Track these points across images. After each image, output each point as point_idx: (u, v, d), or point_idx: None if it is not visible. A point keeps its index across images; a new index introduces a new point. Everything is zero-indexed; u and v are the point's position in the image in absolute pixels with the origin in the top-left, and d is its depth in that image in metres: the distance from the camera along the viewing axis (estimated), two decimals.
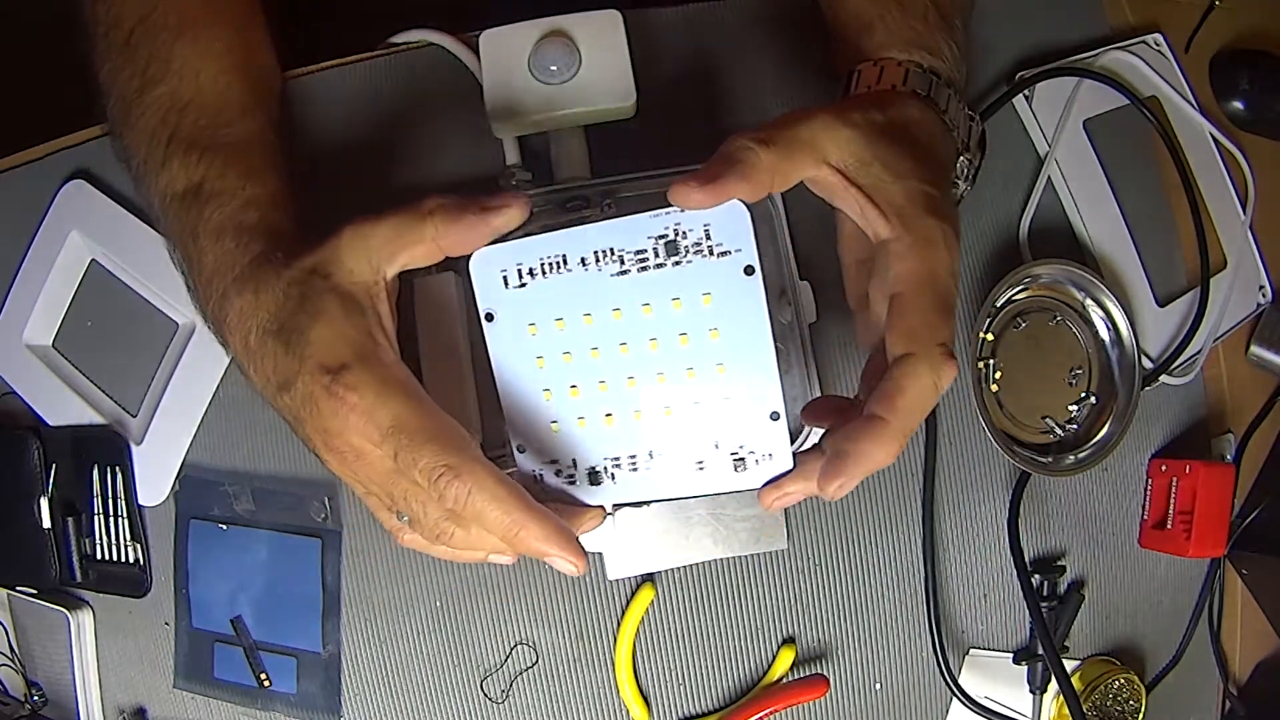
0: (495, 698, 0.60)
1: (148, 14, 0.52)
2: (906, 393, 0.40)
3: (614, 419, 0.43)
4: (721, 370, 0.42)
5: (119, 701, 0.62)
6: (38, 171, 0.63)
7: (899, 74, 0.49)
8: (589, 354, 0.43)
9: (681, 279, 0.41)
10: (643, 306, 0.42)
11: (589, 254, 0.42)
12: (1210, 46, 0.69)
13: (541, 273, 0.42)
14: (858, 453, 0.39)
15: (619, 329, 0.42)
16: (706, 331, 0.42)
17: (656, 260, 0.41)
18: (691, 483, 0.44)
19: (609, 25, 0.57)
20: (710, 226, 0.41)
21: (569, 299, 0.42)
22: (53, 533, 0.61)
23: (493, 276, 0.43)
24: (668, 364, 0.42)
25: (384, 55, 0.62)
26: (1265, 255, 0.67)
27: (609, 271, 0.42)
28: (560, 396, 0.43)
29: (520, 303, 0.43)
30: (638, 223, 0.41)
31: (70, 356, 0.63)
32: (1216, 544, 0.62)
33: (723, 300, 0.41)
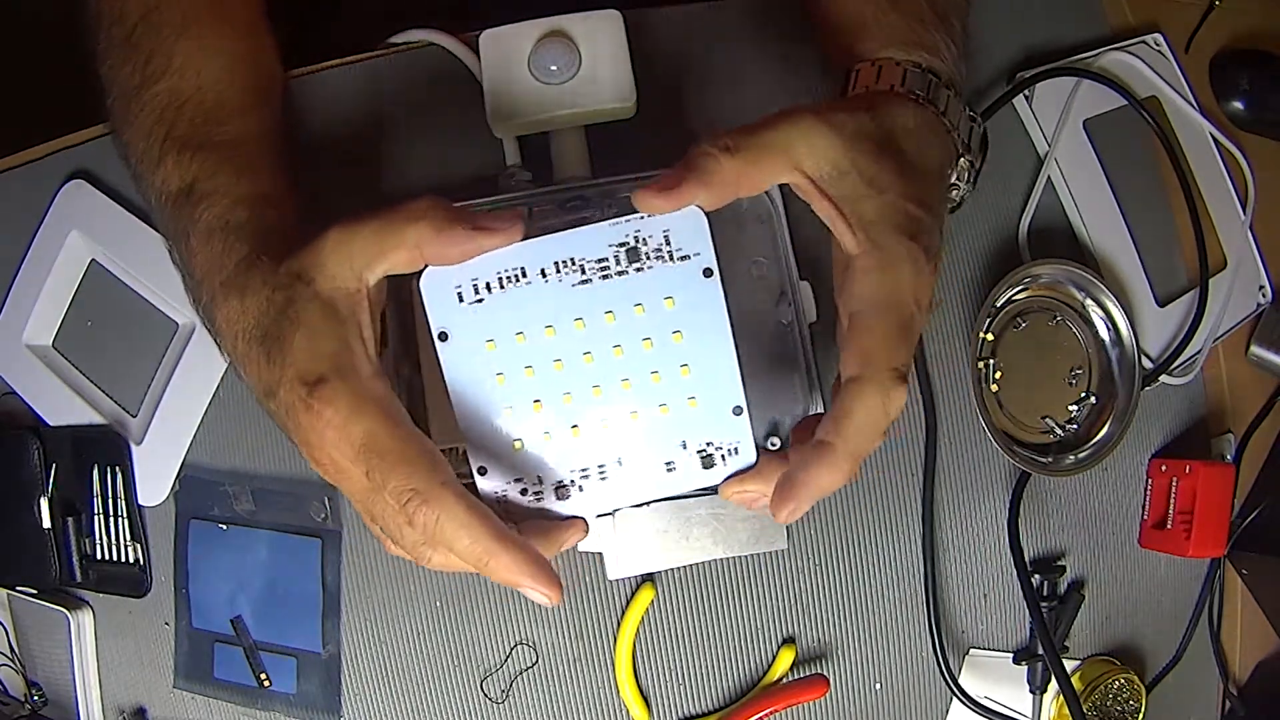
0: (495, 698, 0.60)
1: (151, 10, 0.52)
2: (853, 416, 0.39)
3: (580, 430, 0.43)
4: (685, 372, 0.42)
5: (119, 701, 0.62)
6: (38, 171, 0.63)
7: (897, 74, 0.48)
8: (552, 367, 0.42)
9: (643, 285, 0.41)
10: (606, 314, 0.41)
11: (549, 265, 0.41)
12: (1210, 46, 0.69)
13: (499, 286, 0.41)
14: (805, 479, 0.39)
15: (582, 339, 0.42)
16: (670, 334, 0.42)
17: (618, 268, 0.41)
18: (661, 484, 0.44)
19: (609, 25, 0.57)
20: (669, 232, 0.41)
21: (529, 312, 0.41)
22: (53, 533, 0.60)
23: (445, 293, 0.41)
24: (632, 369, 0.42)
25: (384, 55, 0.62)
26: (1265, 255, 0.67)
27: (570, 281, 0.41)
28: (523, 413, 0.42)
29: (477, 319, 0.41)
30: (598, 231, 0.41)
31: (70, 356, 0.63)
32: (1216, 544, 0.62)
33: (684, 303, 0.42)
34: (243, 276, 0.44)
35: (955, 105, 0.49)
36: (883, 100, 0.46)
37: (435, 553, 0.41)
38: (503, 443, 0.43)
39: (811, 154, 0.41)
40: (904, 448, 0.61)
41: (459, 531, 0.38)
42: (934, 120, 0.47)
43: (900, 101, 0.46)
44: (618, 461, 0.43)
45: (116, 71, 0.52)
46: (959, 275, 0.63)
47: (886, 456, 0.61)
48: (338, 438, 0.39)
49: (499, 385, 0.42)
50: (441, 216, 0.40)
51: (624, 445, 0.43)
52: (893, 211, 0.41)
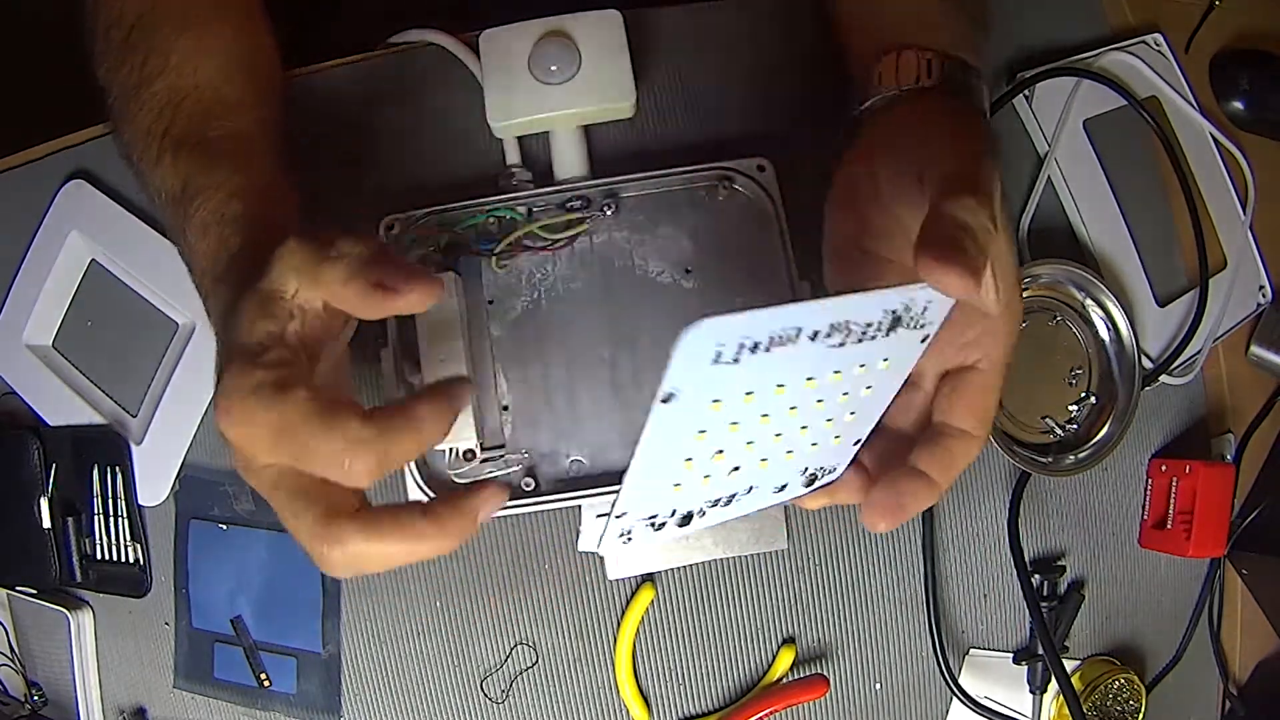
0: (495, 698, 0.60)
1: (149, 9, 0.52)
2: (960, 465, 0.42)
3: (740, 470, 0.39)
4: (851, 418, 0.40)
5: (119, 701, 0.62)
6: (38, 171, 0.63)
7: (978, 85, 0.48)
8: (758, 421, 0.37)
9: (879, 348, 0.38)
10: (834, 373, 0.37)
11: (824, 327, 0.35)
12: (1210, 46, 0.69)
13: (766, 348, 0.34)
14: (914, 506, 0.42)
15: (799, 395, 0.37)
16: (864, 389, 0.39)
17: (873, 334, 0.37)
18: (769, 501, 0.43)
19: (609, 25, 0.57)
20: (930, 304, 0.38)
21: (775, 371, 0.35)
22: (53, 533, 0.61)
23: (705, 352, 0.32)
24: (817, 418, 0.39)
25: (384, 55, 0.62)
26: (1265, 255, 0.67)
27: (830, 343, 0.36)
28: (702, 462, 0.37)
29: (719, 379, 0.34)
30: (883, 297, 0.36)
31: (70, 356, 0.63)
32: (1216, 544, 0.62)
33: (894, 364, 0.39)
34: (231, 274, 0.44)
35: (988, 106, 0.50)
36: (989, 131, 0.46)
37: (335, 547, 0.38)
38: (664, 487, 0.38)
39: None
40: None
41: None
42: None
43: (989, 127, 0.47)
44: (748, 489, 0.41)
45: (115, 73, 0.52)
46: None
47: None
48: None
49: (695, 441, 0.36)
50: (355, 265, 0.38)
51: (762, 477, 0.41)
52: (1016, 274, 0.42)
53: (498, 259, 0.56)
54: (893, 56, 0.49)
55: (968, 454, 0.43)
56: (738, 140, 0.59)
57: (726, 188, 0.57)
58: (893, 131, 0.47)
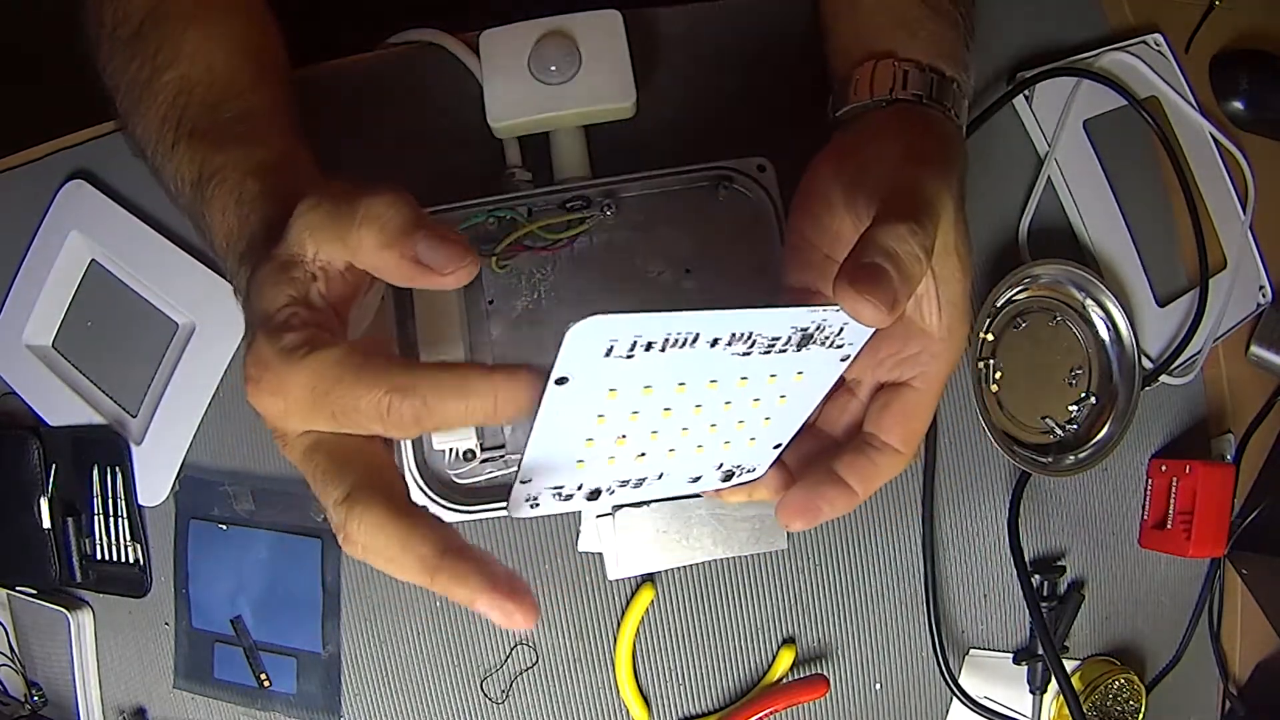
0: (495, 698, 0.60)
1: (157, 6, 0.52)
2: (881, 479, 0.43)
3: (646, 457, 0.41)
4: (767, 423, 0.42)
5: (119, 701, 0.62)
6: (38, 171, 0.63)
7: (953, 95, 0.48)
8: (660, 414, 0.39)
9: (790, 361, 0.39)
10: (740, 380, 0.39)
11: (725, 335, 0.37)
12: (1210, 46, 0.69)
13: (660, 348, 0.35)
14: (828, 511, 0.43)
15: (703, 395, 0.39)
16: (778, 397, 0.41)
17: (781, 347, 0.38)
18: (681, 489, 0.45)
19: (609, 25, 0.57)
20: (847, 326, 0.39)
21: (672, 371, 0.37)
22: (53, 533, 0.61)
23: (596, 346, 0.34)
24: (727, 419, 0.41)
25: (384, 55, 0.62)
26: (1265, 255, 0.67)
27: (733, 351, 0.37)
28: (604, 444, 0.39)
29: (612, 372, 0.36)
30: (791, 315, 0.38)
31: (70, 356, 0.63)
32: (1216, 544, 0.62)
33: (810, 378, 0.41)
34: (255, 250, 0.43)
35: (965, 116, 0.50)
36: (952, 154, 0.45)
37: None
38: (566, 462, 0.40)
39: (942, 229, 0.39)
40: None
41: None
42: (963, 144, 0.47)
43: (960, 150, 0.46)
44: (659, 476, 0.43)
45: (124, 69, 0.52)
46: None
47: None
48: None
49: (595, 424, 0.38)
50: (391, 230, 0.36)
51: (673, 466, 0.42)
52: (966, 299, 0.42)
53: (498, 259, 0.56)
54: (869, 65, 0.49)
55: (891, 468, 0.43)
56: (738, 140, 0.59)
57: (726, 188, 0.57)
58: (858, 140, 0.47)
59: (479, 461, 0.55)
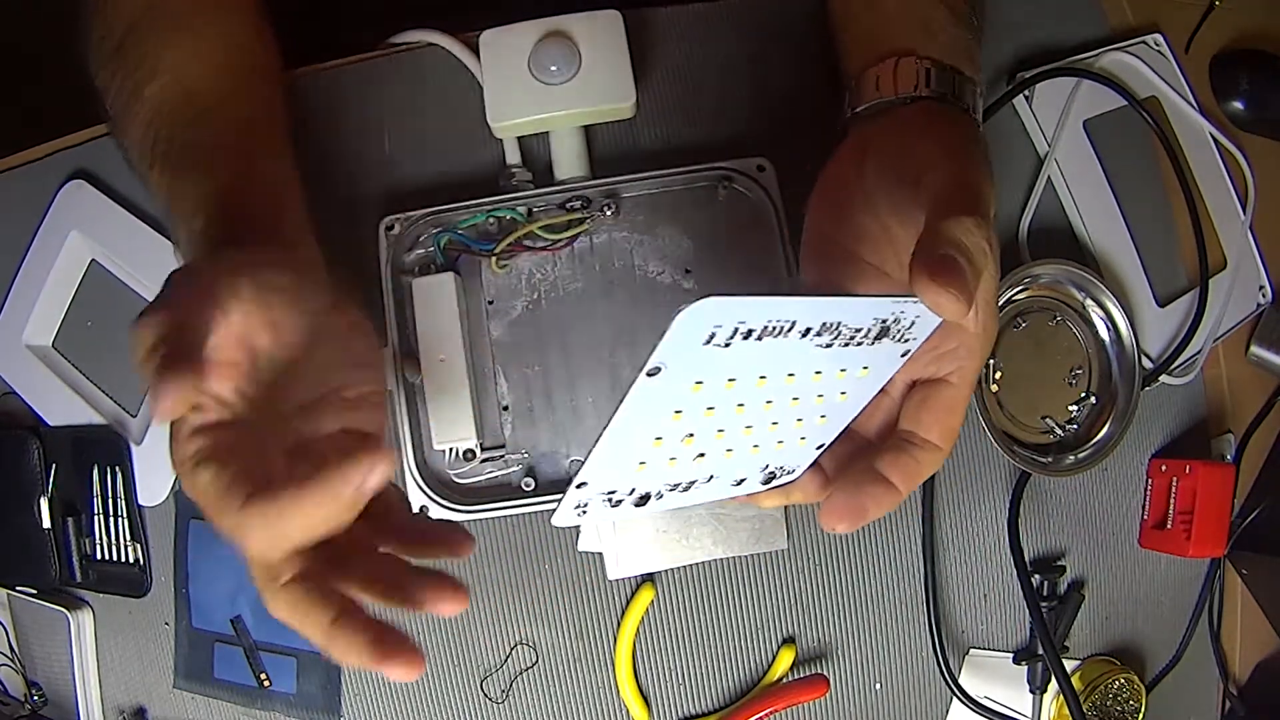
0: (495, 698, 0.60)
1: (138, 20, 0.52)
2: (923, 475, 0.43)
3: (705, 457, 0.39)
4: (822, 421, 0.42)
5: (119, 701, 0.62)
6: (38, 171, 0.63)
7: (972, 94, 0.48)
8: (733, 410, 0.38)
9: (861, 355, 0.39)
10: (815, 374, 0.39)
11: (817, 324, 0.36)
12: (1210, 46, 0.69)
13: (757, 336, 0.34)
14: (874, 510, 0.43)
15: (776, 389, 0.38)
16: (839, 393, 0.41)
17: (859, 339, 0.38)
18: (726, 493, 0.44)
19: (609, 25, 0.57)
20: (918, 320, 0.39)
21: (760, 362, 0.36)
22: (53, 533, 0.61)
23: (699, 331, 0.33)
24: (788, 415, 0.40)
25: (384, 55, 0.62)
26: (1265, 255, 0.67)
27: (818, 342, 0.37)
28: (671, 443, 0.37)
29: (706, 361, 0.34)
30: (876, 304, 0.37)
31: (70, 356, 0.63)
32: (1216, 544, 0.62)
33: (873, 374, 0.41)
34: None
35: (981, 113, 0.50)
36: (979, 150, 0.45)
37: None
38: (629, 464, 0.38)
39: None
40: None
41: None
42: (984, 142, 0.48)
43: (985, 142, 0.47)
44: (708, 479, 0.41)
45: (110, 83, 0.52)
46: None
47: None
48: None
49: (669, 420, 0.36)
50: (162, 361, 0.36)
51: (724, 467, 0.41)
52: (995, 294, 0.42)
53: (498, 259, 0.56)
54: (891, 63, 0.49)
55: (931, 465, 0.44)
56: (738, 140, 0.59)
57: (726, 188, 0.57)
58: (887, 136, 0.47)
59: (479, 461, 0.55)
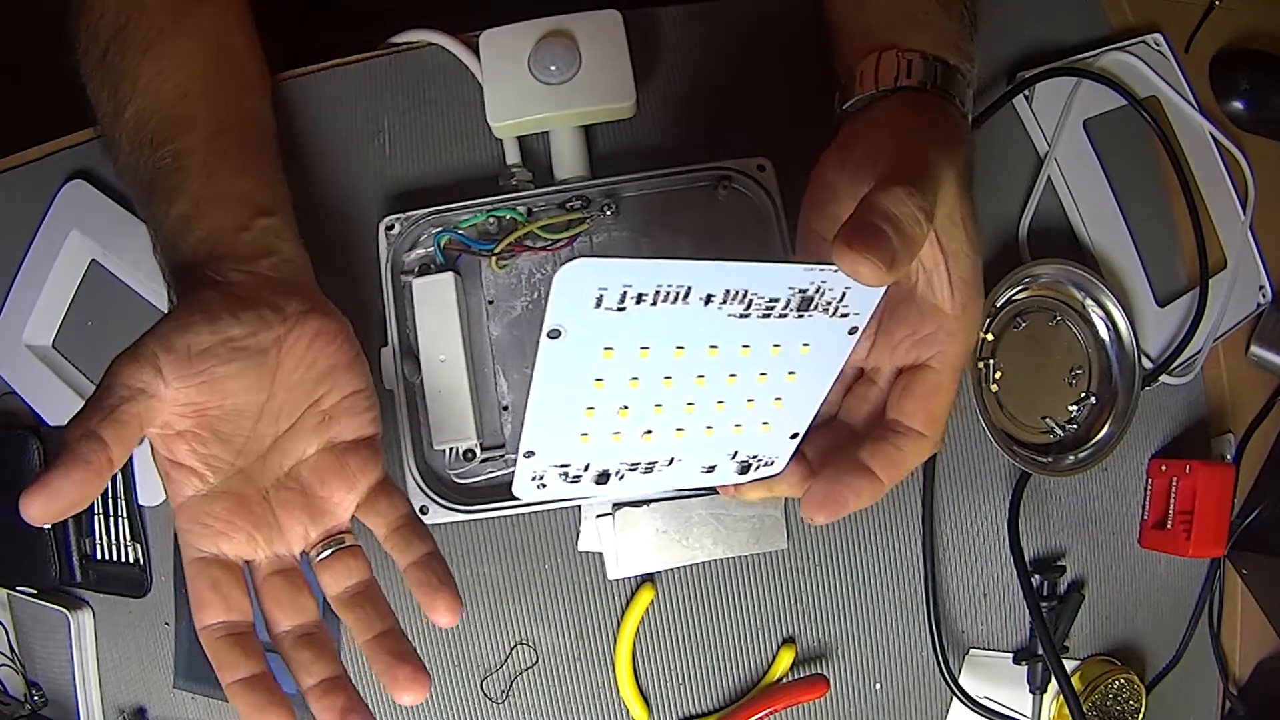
0: (495, 698, 0.60)
1: (119, 30, 0.51)
2: (908, 465, 0.43)
3: (653, 435, 0.41)
4: (779, 404, 0.42)
5: (119, 701, 0.62)
6: (38, 171, 0.63)
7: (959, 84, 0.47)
8: (660, 382, 0.39)
9: (793, 329, 0.39)
10: (742, 348, 0.39)
11: (718, 291, 0.36)
12: (1210, 46, 0.69)
13: (651, 301, 0.35)
14: (854, 501, 0.42)
15: (705, 363, 0.39)
16: (785, 373, 0.41)
17: (782, 310, 0.38)
18: (696, 481, 0.44)
19: (609, 25, 0.57)
20: (849, 292, 0.38)
21: (668, 330, 0.37)
22: (53, 533, 0.60)
23: (581, 294, 0.34)
24: (734, 395, 0.41)
25: (384, 55, 0.62)
26: (1265, 255, 0.67)
27: (730, 312, 0.37)
28: (606, 414, 0.39)
29: (605, 325, 0.35)
30: (786, 272, 0.37)
31: (70, 356, 0.63)
32: (1216, 544, 0.62)
33: (817, 351, 0.40)
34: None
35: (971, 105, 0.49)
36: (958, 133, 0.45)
37: None
38: (570, 434, 0.40)
39: (945, 203, 0.39)
40: None
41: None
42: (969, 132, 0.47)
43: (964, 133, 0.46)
44: (669, 461, 0.43)
45: (96, 96, 0.52)
46: None
47: None
48: None
49: (593, 388, 0.38)
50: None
51: (683, 449, 0.42)
52: (977, 273, 0.42)
53: (498, 259, 0.56)
54: (874, 57, 0.49)
55: (917, 454, 0.43)
56: (738, 140, 0.59)
57: (726, 188, 0.57)
58: (864, 129, 0.47)
59: (479, 461, 0.55)
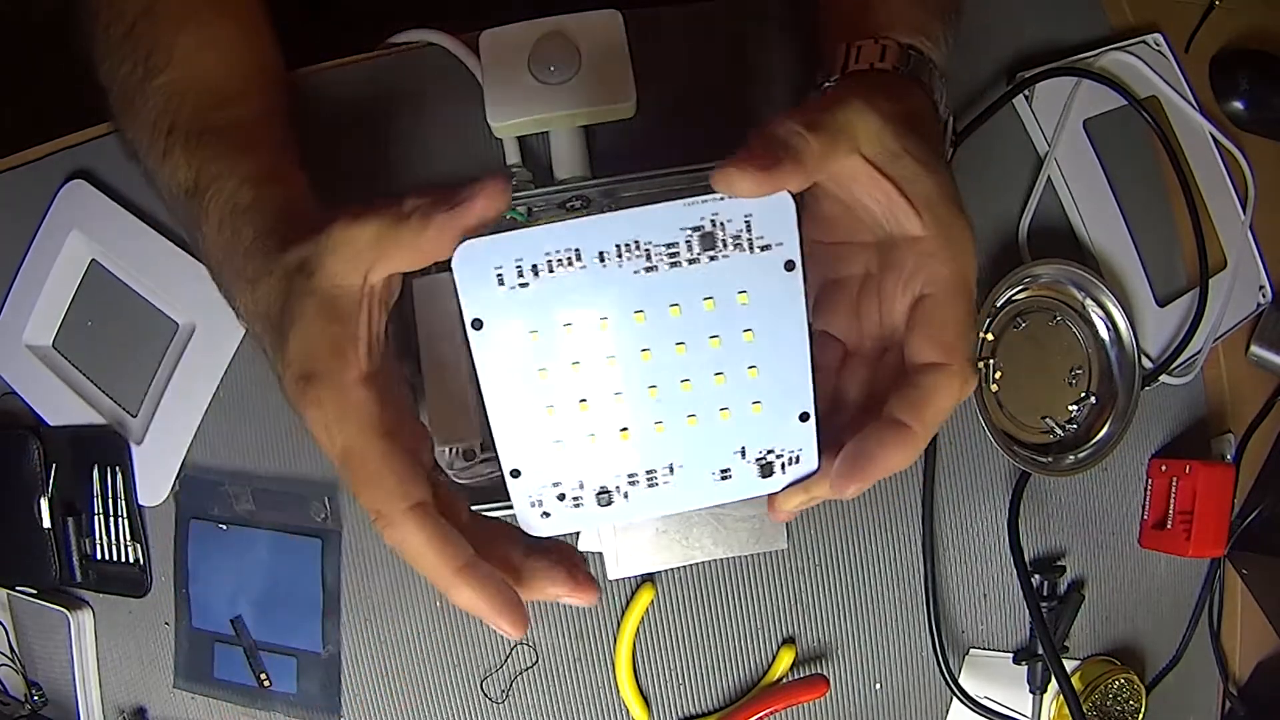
0: (495, 698, 0.60)
1: (150, 5, 0.52)
2: (937, 404, 0.38)
3: (630, 433, 0.38)
4: (754, 374, 0.39)
5: (119, 701, 0.62)
6: (38, 171, 0.63)
7: (901, 56, 0.47)
8: (604, 363, 0.37)
9: (716, 276, 0.37)
10: (670, 308, 0.37)
11: (609, 248, 0.36)
12: (1210, 46, 0.69)
13: (548, 269, 0.35)
14: (883, 457, 0.38)
15: (641, 334, 0.37)
16: (740, 333, 0.38)
17: (689, 255, 0.36)
18: (715, 493, 0.41)
19: (609, 25, 0.57)
20: (752, 218, 0.37)
21: (581, 300, 0.36)
22: (53, 533, 0.60)
23: (482, 275, 0.35)
24: (694, 369, 0.38)
25: (384, 55, 0.62)
26: (1265, 255, 0.67)
27: (632, 268, 0.36)
28: (566, 413, 0.38)
29: (519, 305, 0.36)
30: (670, 211, 0.36)
31: (70, 356, 0.63)
32: (1216, 544, 0.62)
33: (760, 298, 0.38)
34: (251, 266, 0.44)
35: (945, 97, 0.49)
36: (901, 85, 0.46)
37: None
38: (542, 443, 0.38)
39: (869, 137, 0.39)
40: None
41: (419, 560, 0.38)
42: (932, 109, 0.47)
43: (909, 85, 0.46)
44: (669, 468, 0.39)
45: (117, 69, 0.52)
46: None
47: None
48: (324, 438, 0.39)
49: (541, 381, 0.37)
50: (428, 207, 0.37)
51: (678, 451, 0.39)
52: (949, 187, 0.40)
53: None
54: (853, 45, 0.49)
55: (941, 387, 0.38)
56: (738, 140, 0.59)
57: None
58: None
59: (479, 461, 0.55)
